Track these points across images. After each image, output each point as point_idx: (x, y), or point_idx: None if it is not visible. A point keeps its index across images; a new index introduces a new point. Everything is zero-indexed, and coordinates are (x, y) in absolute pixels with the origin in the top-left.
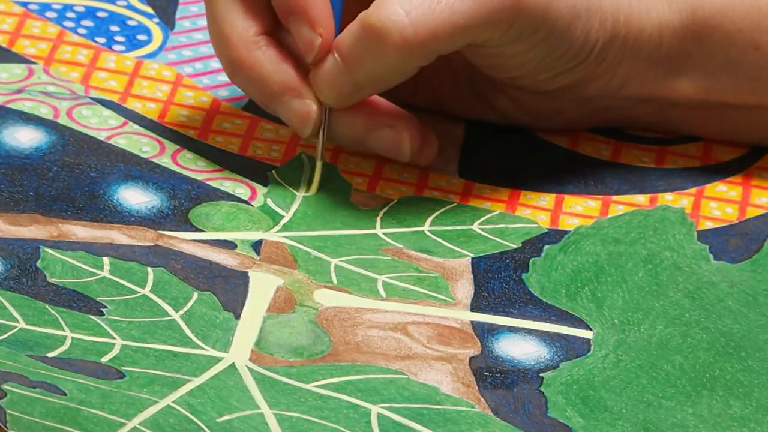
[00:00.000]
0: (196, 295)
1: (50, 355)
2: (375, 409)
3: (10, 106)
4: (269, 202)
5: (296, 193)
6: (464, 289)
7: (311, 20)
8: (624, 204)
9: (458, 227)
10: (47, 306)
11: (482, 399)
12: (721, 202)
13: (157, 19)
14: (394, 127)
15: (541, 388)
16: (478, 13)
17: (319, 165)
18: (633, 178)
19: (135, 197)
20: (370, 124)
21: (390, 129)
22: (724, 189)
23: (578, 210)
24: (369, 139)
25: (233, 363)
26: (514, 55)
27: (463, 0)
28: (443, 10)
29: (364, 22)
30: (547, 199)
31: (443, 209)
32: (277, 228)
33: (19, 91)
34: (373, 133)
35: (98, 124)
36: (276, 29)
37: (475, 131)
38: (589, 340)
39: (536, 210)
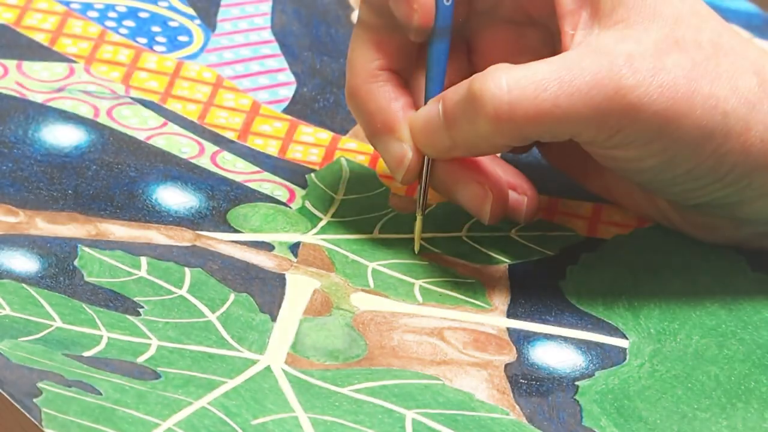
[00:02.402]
0: (233, 296)
1: (86, 354)
2: (409, 415)
3: (50, 104)
4: (307, 204)
5: (334, 196)
6: (501, 296)
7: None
8: None
9: (495, 233)
10: (84, 305)
11: (517, 406)
12: None
13: (198, 21)
14: (483, 185)
15: (576, 397)
16: (582, 112)
17: (419, 219)
18: None
19: (173, 197)
20: (460, 176)
21: (478, 186)
22: None
23: (616, 219)
24: (456, 190)
25: (269, 365)
26: (627, 160)
27: (570, 94)
28: (546, 99)
29: (469, 85)
30: (585, 207)
31: None
32: (314, 230)
33: (60, 90)
34: (460, 185)
35: (138, 124)
36: (406, 69)
37: None
38: (625, 349)
39: (574, 218)
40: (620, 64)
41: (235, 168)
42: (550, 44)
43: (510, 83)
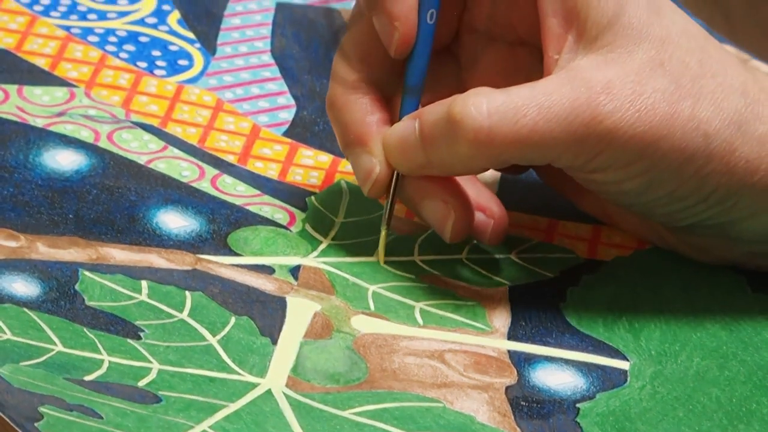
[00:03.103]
0: (233, 319)
1: (87, 378)
2: None
3: (51, 129)
4: (308, 227)
5: (335, 219)
6: (501, 318)
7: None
8: None
9: (496, 256)
10: (85, 329)
11: (518, 429)
12: None
13: (198, 45)
14: (447, 203)
15: (577, 419)
16: (560, 137)
17: (383, 233)
18: None
19: (174, 221)
20: (427, 193)
21: (442, 204)
22: None
23: (616, 241)
24: (422, 206)
25: (269, 389)
26: (607, 183)
27: (548, 120)
28: (525, 124)
29: (449, 107)
30: (585, 229)
31: None
32: (315, 253)
33: (61, 114)
34: (426, 201)
35: (138, 147)
36: (388, 84)
37: None
38: (626, 370)
39: (574, 240)
40: (598, 91)
41: (235, 191)
42: (541, 64)
43: (490, 108)
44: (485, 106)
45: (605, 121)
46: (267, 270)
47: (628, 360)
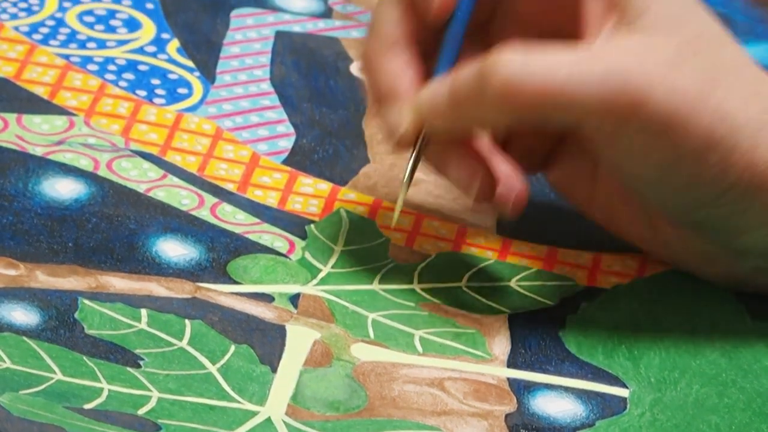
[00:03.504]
0: (233, 348)
1: (87, 406)
2: None
3: (50, 157)
4: (307, 255)
5: (334, 247)
6: (501, 346)
7: None
8: (662, 263)
9: (496, 284)
10: (84, 357)
11: None
12: None
13: (197, 73)
14: (475, 165)
15: None
16: (590, 99)
17: (403, 191)
18: None
19: (173, 249)
20: (455, 153)
21: (470, 165)
22: None
23: (616, 268)
24: (448, 166)
25: (269, 417)
26: (629, 158)
27: (580, 80)
28: (557, 80)
29: (483, 59)
30: (585, 257)
31: (481, 266)
32: (314, 282)
33: (60, 143)
34: (453, 161)
35: (138, 176)
36: (427, 44)
37: None
38: (626, 398)
39: (574, 268)
40: (632, 62)
41: (234, 219)
42: None
43: (523, 61)
44: (518, 60)
45: (636, 90)
46: (266, 298)
47: (627, 387)
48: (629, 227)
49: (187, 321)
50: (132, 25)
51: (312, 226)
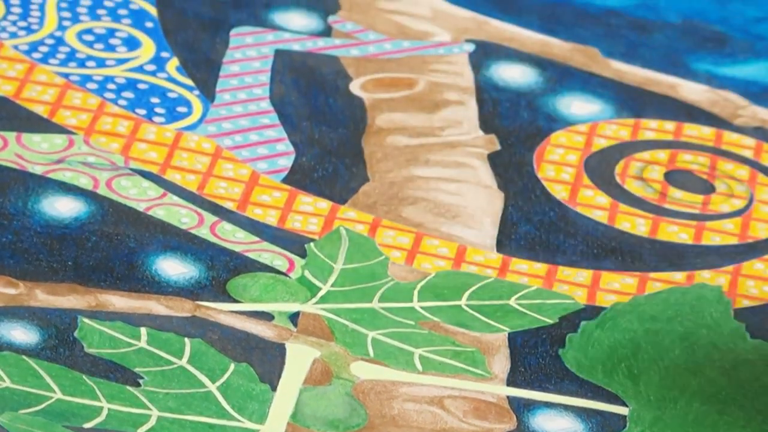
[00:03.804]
0: (233, 366)
1: (87, 425)
2: None
3: (50, 176)
4: (307, 274)
5: (334, 265)
6: (501, 364)
7: None
8: (661, 281)
9: (495, 302)
10: (84, 376)
11: None
12: (759, 280)
13: (197, 92)
14: None
15: None
16: None
17: None
18: (671, 254)
19: (173, 268)
20: None
21: None
22: (762, 267)
23: (615, 287)
24: None
25: None
26: None
27: None
28: None
29: None
30: (584, 275)
31: (480, 284)
32: (314, 300)
33: (60, 162)
34: None
35: (137, 194)
36: None
37: (514, 205)
38: (625, 416)
39: (573, 286)
40: None
41: (234, 238)
42: None
43: None
44: None
45: None
46: (266, 316)
47: (627, 406)
48: None
49: (186, 339)
50: (131, 43)
51: (311, 244)
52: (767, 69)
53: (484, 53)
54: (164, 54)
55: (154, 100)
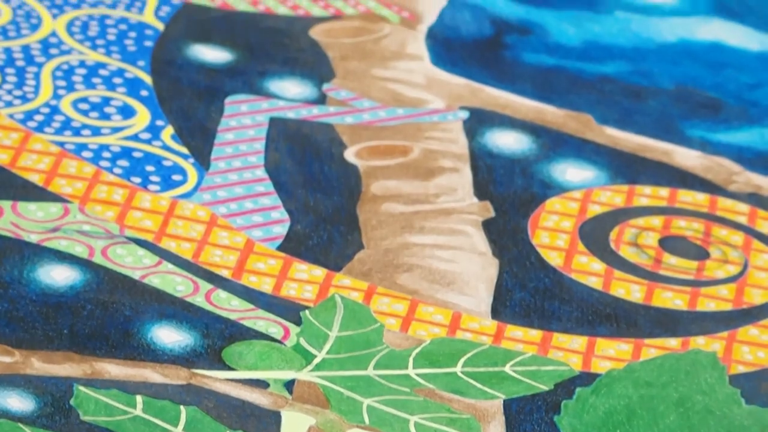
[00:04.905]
0: None
1: None
2: None
3: (45, 244)
4: (302, 341)
5: (329, 332)
6: (496, 431)
7: None
8: (656, 347)
9: (490, 369)
10: None
11: None
12: (754, 346)
13: (192, 160)
14: None
15: None
16: None
17: None
18: (665, 320)
19: (168, 336)
20: None
21: None
22: (756, 333)
23: (610, 353)
24: None
25: None
26: None
27: None
28: None
29: None
30: (579, 342)
31: (475, 351)
32: (309, 367)
33: (55, 230)
34: None
35: (133, 263)
36: None
37: (509, 272)
38: None
39: (568, 352)
40: None
41: (229, 306)
42: None
43: None
44: None
45: None
46: (262, 384)
47: None
48: None
49: (182, 407)
50: (126, 112)
51: (307, 311)
52: (761, 135)
53: (479, 120)
54: (159, 122)
55: (149, 168)
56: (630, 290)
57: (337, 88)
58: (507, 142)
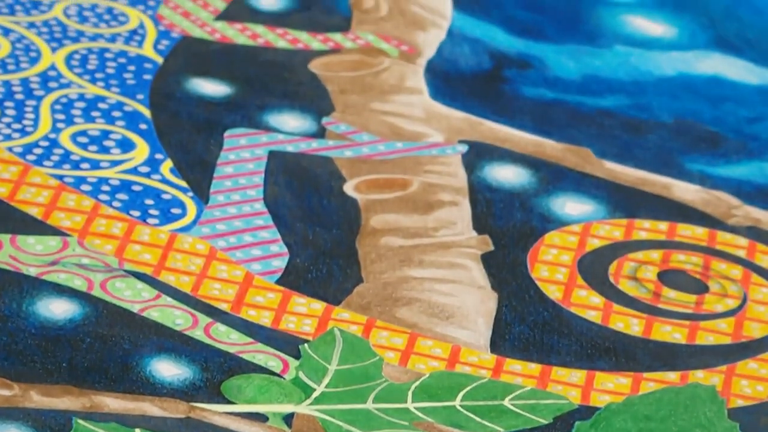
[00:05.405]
0: None
1: None
2: None
3: (44, 278)
4: (301, 375)
5: (328, 366)
6: None
7: None
8: (655, 381)
9: (489, 402)
10: None
11: None
12: (752, 379)
13: (191, 193)
14: None
15: None
16: None
17: None
18: (664, 354)
19: (167, 369)
20: None
21: None
22: (755, 366)
23: (609, 387)
24: None
25: None
26: None
27: None
28: None
29: None
30: (578, 376)
31: (474, 384)
32: (308, 401)
33: (54, 263)
34: None
35: (132, 296)
36: None
37: (508, 305)
38: None
39: (567, 386)
40: None
41: (228, 339)
42: None
43: None
44: None
45: None
46: (261, 418)
47: None
48: None
49: None
50: (125, 145)
51: (306, 345)
52: (760, 169)
53: (478, 154)
54: (158, 156)
55: (148, 201)
56: (629, 324)
57: (336, 121)
58: (506, 175)
